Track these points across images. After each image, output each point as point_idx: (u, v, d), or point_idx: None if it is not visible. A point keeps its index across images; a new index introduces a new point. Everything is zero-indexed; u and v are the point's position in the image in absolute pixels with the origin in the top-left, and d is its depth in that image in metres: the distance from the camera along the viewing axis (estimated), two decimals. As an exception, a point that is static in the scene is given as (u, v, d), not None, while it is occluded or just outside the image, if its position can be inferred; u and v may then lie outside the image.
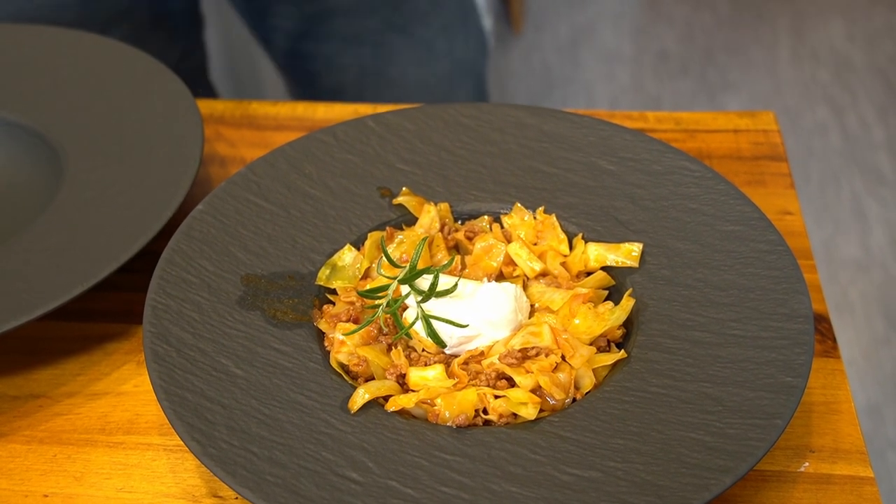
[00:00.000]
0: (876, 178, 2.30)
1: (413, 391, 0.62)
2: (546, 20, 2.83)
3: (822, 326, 0.70)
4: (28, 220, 0.77)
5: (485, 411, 0.61)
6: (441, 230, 0.72)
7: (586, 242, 0.70)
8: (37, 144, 0.83)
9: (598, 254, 0.69)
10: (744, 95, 2.53)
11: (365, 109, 0.91)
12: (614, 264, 0.69)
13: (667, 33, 2.78)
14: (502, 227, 0.72)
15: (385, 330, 0.65)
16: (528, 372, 0.61)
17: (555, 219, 0.72)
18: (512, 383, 0.62)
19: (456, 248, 0.72)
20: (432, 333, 0.64)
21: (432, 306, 0.64)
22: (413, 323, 0.64)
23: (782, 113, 2.46)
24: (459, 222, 0.74)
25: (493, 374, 0.62)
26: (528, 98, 2.56)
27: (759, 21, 2.80)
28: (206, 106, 0.92)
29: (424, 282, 0.65)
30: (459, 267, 0.70)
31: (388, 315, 0.65)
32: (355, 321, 0.66)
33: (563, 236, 0.71)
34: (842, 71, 2.61)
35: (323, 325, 0.66)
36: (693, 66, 2.66)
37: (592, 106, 2.53)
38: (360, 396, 0.60)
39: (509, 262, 0.70)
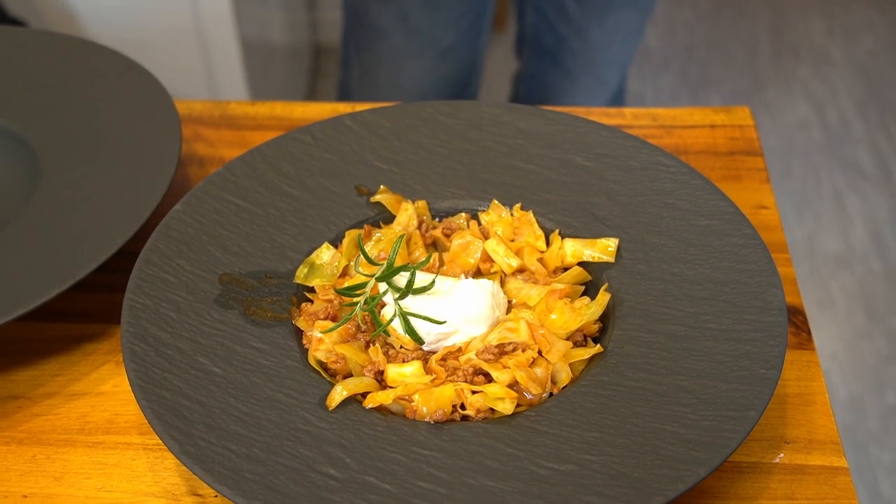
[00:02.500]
0: (856, 172, 2.31)
1: (391, 387, 0.62)
2: (528, 18, 2.83)
3: (797, 319, 0.71)
4: (6, 220, 0.77)
5: (462, 406, 0.61)
6: (419, 228, 0.72)
7: (563, 238, 0.71)
8: (14, 145, 0.83)
9: (574, 249, 0.70)
10: (725, 91, 2.54)
11: (343, 108, 0.91)
12: (591, 260, 0.69)
13: (649, 30, 2.79)
14: (480, 224, 0.73)
15: (363, 327, 0.65)
16: (505, 367, 0.62)
17: (532, 215, 0.72)
18: (489, 379, 0.62)
19: (434, 246, 0.73)
20: (410, 330, 0.64)
21: (410, 303, 0.65)
22: (391, 320, 0.65)
23: (763, 108, 2.47)
24: (437, 220, 0.74)
25: (471, 370, 0.62)
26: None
27: (740, 17, 2.81)
28: (184, 106, 0.92)
29: (402, 279, 0.66)
30: (437, 264, 0.70)
31: (366, 312, 0.65)
32: (333, 319, 0.66)
33: (539, 232, 0.71)
34: (821, 66, 2.62)
35: (301, 323, 0.66)
36: (675, 63, 2.67)
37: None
38: (338, 393, 0.61)
39: (487, 258, 0.70)
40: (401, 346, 0.65)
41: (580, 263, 0.69)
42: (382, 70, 1.55)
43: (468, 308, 0.65)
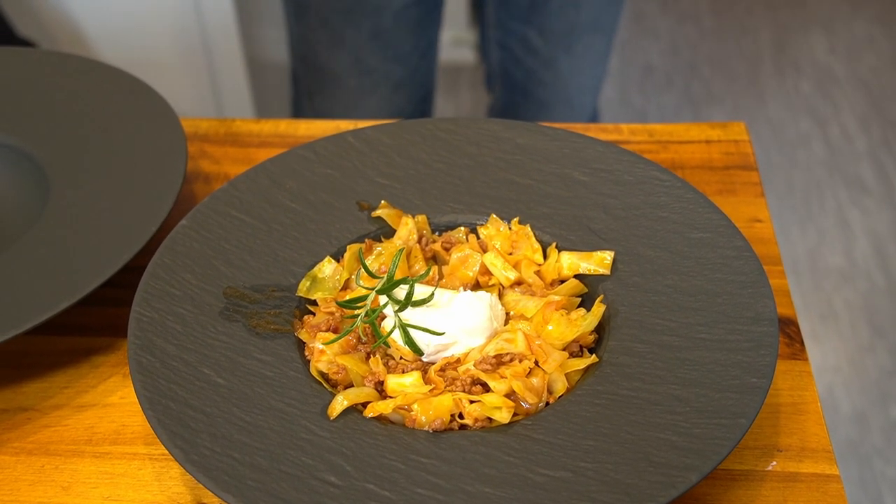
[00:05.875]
0: (859, 187, 2.32)
1: (391, 397, 0.63)
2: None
3: (790, 330, 0.72)
4: (15, 236, 0.78)
5: (460, 416, 0.62)
6: (419, 241, 0.74)
7: (560, 251, 0.72)
8: (23, 163, 0.84)
9: (571, 262, 0.71)
10: (728, 108, 2.56)
11: (346, 125, 0.93)
12: (587, 272, 0.71)
13: (652, 47, 2.81)
14: (478, 237, 0.74)
15: (364, 339, 0.67)
16: (502, 377, 0.63)
17: (529, 229, 0.74)
18: (487, 388, 0.63)
19: (433, 259, 0.74)
20: (409, 342, 0.65)
21: (410, 315, 0.66)
22: (391, 332, 0.66)
23: (766, 124, 2.49)
24: (437, 234, 0.76)
25: (469, 380, 0.64)
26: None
27: (743, 34, 2.83)
28: (190, 124, 0.94)
29: (402, 292, 0.67)
30: (436, 277, 0.72)
31: (367, 324, 0.67)
32: (335, 331, 0.67)
33: (537, 246, 0.73)
34: (824, 82, 2.64)
35: (303, 335, 0.68)
36: (678, 80, 2.69)
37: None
38: (339, 403, 0.62)
39: (485, 271, 0.72)
40: (400, 357, 0.66)
41: (577, 276, 0.71)
42: (338, 111, 1.59)
43: (466, 320, 0.66)
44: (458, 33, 2.62)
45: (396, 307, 0.66)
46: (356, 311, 0.67)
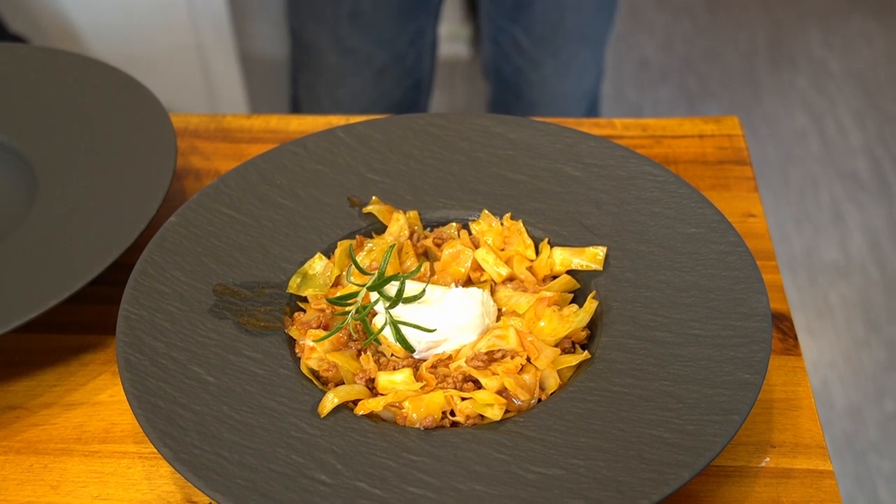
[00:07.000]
0: (854, 182, 2.32)
1: (382, 395, 0.63)
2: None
3: (783, 325, 0.72)
4: (3, 234, 0.78)
5: (452, 413, 0.62)
6: (410, 237, 0.73)
7: (552, 247, 0.72)
8: (11, 160, 0.84)
9: (563, 258, 0.71)
10: (724, 102, 2.56)
11: (338, 121, 0.92)
12: (579, 268, 0.70)
13: (647, 42, 2.80)
14: (470, 233, 0.74)
15: (355, 336, 0.66)
16: (494, 374, 0.63)
17: (521, 224, 0.73)
18: (478, 385, 0.63)
19: (425, 255, 0.74)
20: (400, 338, 0.65)
21: (401, 312, 0.66)
22: (382, 328, 0.66)
23: (761, 119, 2.48)
24: (428, 229, 0.75)
25: (460, 377, 0.63)
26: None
27: (738, 29, 2.83)
28: (181, 120, 0.93)
29: (393, 288, 0.67)
30: (428, 273, 0.71)
31: (358, 321, 0.66)
32: (325, 328, 0.67)
33: (529, 241, 0.72)
34: (819, 77, 2.64)
35: (294, 332, 0.67)
36: (673, 75, 2.68)
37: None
38: (330, 401, 0.62)
39: (477, 267, 0.71)
40: (392, 354, 0.66)
41: (569, 272, 0.70)
42: (323, 87, 1.61)
43: (458, 316, 0.66)
44: (452, 28, 2.61)
45: (387, 304, 0.66)
46: (347, 308, 0.67)
